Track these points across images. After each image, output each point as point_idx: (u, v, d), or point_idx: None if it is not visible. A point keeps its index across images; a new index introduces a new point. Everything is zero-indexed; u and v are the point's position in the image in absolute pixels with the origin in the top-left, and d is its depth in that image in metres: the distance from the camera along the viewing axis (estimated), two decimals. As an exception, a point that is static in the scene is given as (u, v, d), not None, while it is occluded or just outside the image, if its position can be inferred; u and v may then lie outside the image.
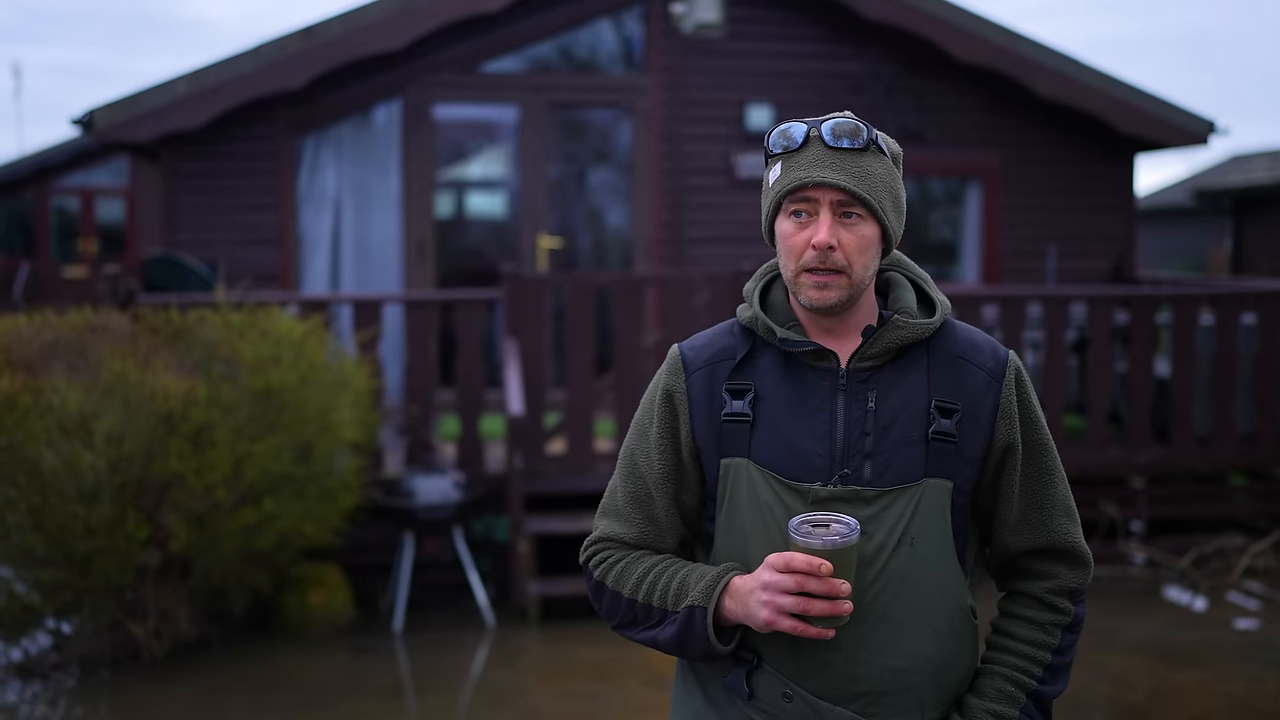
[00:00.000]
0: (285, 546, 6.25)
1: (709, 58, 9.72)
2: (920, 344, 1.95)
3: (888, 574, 1.86)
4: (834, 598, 1.77)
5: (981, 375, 1.94)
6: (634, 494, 2.01)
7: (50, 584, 5.89)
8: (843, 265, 1.88)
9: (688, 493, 2.00)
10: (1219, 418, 7.84)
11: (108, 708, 5.65)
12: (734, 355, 1.97)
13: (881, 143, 1.92)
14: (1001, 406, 1.94)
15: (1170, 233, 20.79)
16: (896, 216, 1.93)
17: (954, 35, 9.57)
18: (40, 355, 6.07)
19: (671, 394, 1.99)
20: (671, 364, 2.01)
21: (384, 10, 8.90)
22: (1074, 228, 10.35)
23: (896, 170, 1.94)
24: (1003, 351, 1.98)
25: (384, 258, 9.66)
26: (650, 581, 1.95)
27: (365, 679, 6.01)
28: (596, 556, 2.03)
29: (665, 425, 1.99)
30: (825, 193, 1.88)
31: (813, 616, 1.78)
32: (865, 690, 1.87)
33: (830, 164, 1.88)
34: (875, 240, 1.91)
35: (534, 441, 7.17)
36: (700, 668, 1.99)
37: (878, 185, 1.89)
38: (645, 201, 9.82)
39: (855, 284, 1.90)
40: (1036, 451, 1.98)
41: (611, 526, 2.03)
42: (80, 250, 19.03)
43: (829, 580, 1.76)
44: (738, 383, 1.96)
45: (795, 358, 1.95)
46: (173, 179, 9.19)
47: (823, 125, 1.89)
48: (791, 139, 1.90)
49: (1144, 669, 6.00)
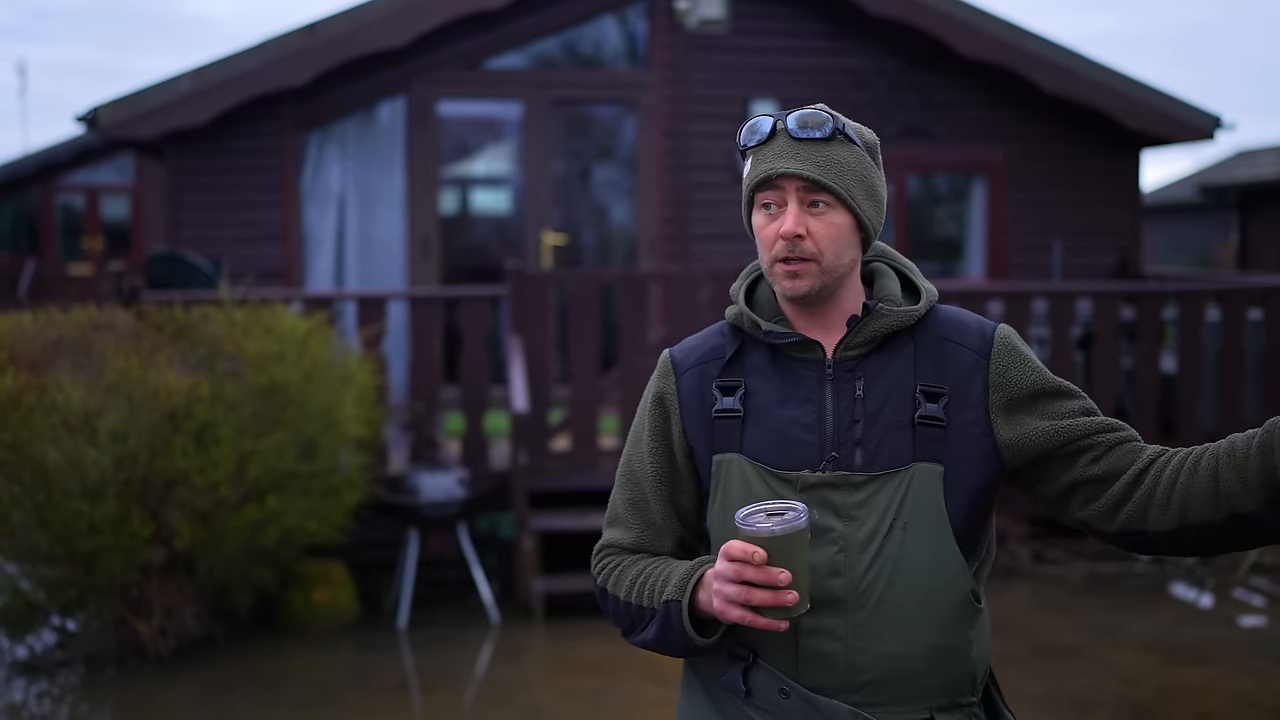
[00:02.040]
0: (289, 544, 6.25)
1: (713, 53, 9.71)
2: (905, 331, 1.95)
3: (882, 559, 1.85)
4: (775, 587, 1.73)
5: (968, 354, 1.93)
6: (631, 500, 2.03)
7: (55, 581, 5.89)
8: (813, 253, 1.89)
9: (684, 494, 2.00)
10: (1225, 413, 7.82)
11: (113, 705, 5.65)
12: (723, 354, 1.98)
13: (851, 132, 1.92)
14: (992, 381, 1.92)
15: (1176, 228, 20.74)
16: (870, 205, 1.92)
17: (958, 30, 9.55)
18: (45, 353, 6.07)
19: (662, 397, 2.01)
20: (662, 368, 2.03)
21: (388, 7, 8.89)
22: (1080, 223, 10.32)
23: (870, 160, 1.94)
24: (990, 328, 1.96)
25: (388, 254, 9.65)
26: (640, 583, 1.96)
27: (370, 676, 6.01)
28: (599, 564, 2.05)
29: (657, 429, 2.01)
30: (790, 183, 1.89)
31: (760, 608, 1.74)
32: (867, 680, 1.84)
33: (794, 154, 1.89)
34: (847, 229, 1.91)
35: (538, 438, 7.16)
36: (701, 667, 1.98)
37: (844, 173, 1.89)
38: (649, 198, 9.81)
39: (828, 271, 1.90)
40: (1046, 398, 1.92)
41: (613, 534, 2.05)
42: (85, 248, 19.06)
43: (766, 569, 1.72)
44: (728, 380, 1.96)
45: (783, 352, 1.95)
46: (177, 176, 9.19)
47: (788, 117, 1.91)
48: (760, 132, 1.92)
49: (1150, 666, 5.99)
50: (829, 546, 1.86)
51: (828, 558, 1.86)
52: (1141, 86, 9.91)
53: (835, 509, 1.87)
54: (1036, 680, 5.70)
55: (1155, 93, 9.95)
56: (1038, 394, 1.93)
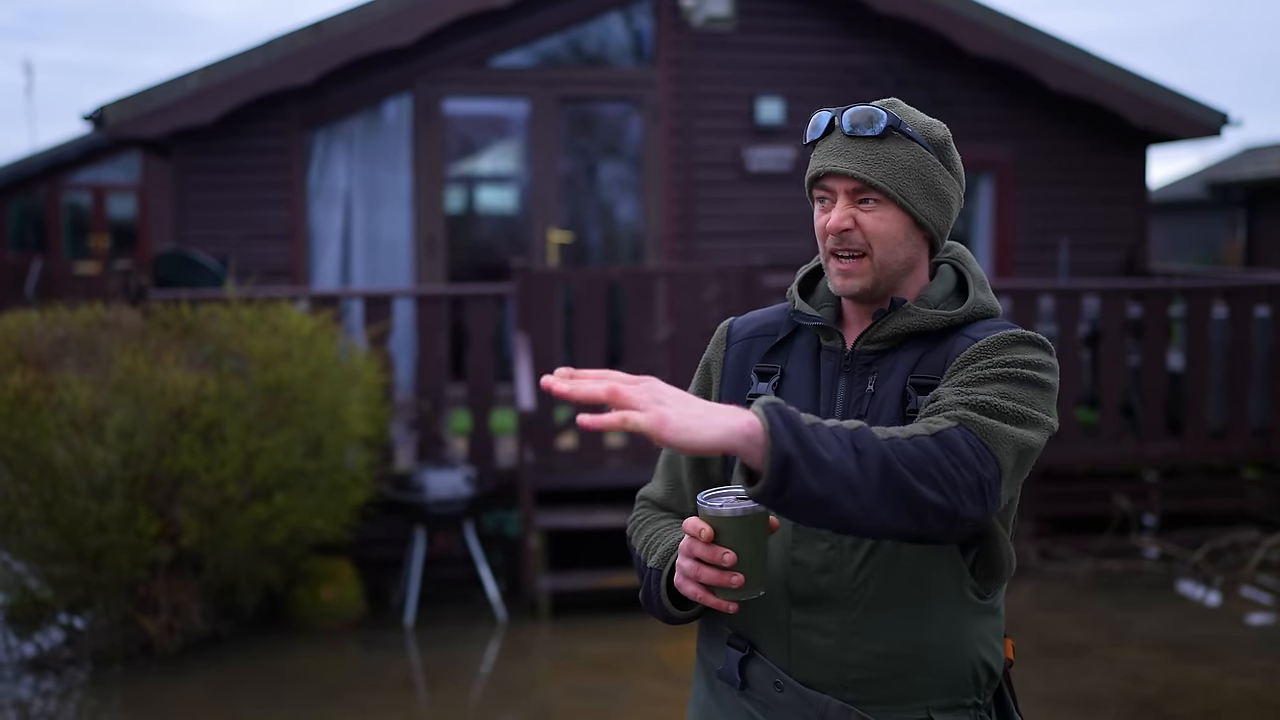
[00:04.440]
0: (296, 541, 6.26)
1: (719, 51, 9.70)
2: (933, 334, 1.90)
3: (876, 557, 1.83)
4: (720, 567, 1.72)
5: (967, 344, 1.87)
6: (668, 457, 2.09)
7: (62, 579, 5.91)
8: (862, 246, 1.88)
9: (713, 462, 2.02)
10: (1232, 411, 7.81)
11: (120, 702, 5.66)
12: (775, 334, 2.01)
13: (910, 129, 1.89)
14: (960, 355, 1.83)
15: (1183, 225, 20.70)
16: (929, 203, 1.89)
17: (965, 28, 9.54)
18: (52, 351, 6.07)
19: (709, 364, 2.06)
20: (718, 335, 2.07)
21: (393, 6, 8.90)
22: (1086, 220, 10.31)
23: (933, 156, 1.90)
24: (1009, 327, 1.89)
25: (394, 253, 9.66)
26: (649, 541, 2.00)
27: (377, 673, 6.02)
28: (633, 514, 2.11)
29: (699, 392, 2.04)
30: (839, 181, 1.89)
31: (710, 586, 1.74)
32: (859, 677, 1.83)
33: (844, 152, 1.89)
34: (901, 226, 1.89)
35: (545, 436, 7.16)
36: (705, 658, 1.99)
37: (895, 171, 1.87)
38: (655, 196, 9.81)
39: (880, 268, 1.88)
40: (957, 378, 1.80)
41: (649, 486, 2.12)
42: (92, 246, 19.08)
43: (712, 548, 1.72)
44: (768, 364, 1.98)
45: (819, 340, 1.97)
46: (184, 175, 9.20)
47: (844, 114, 1.90)
48: (817, 128, 1.93)
49: (1157, 663, 5.98)
50: (820, 543, 1.84)
51: (819, 554, 1.84)
52: (1148, 83, 9.90)
53: None
54: (1043, 678, 5.70)
55: (1162, 90, 9.93)
56: (956, 371, 1.82)
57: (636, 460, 7.13)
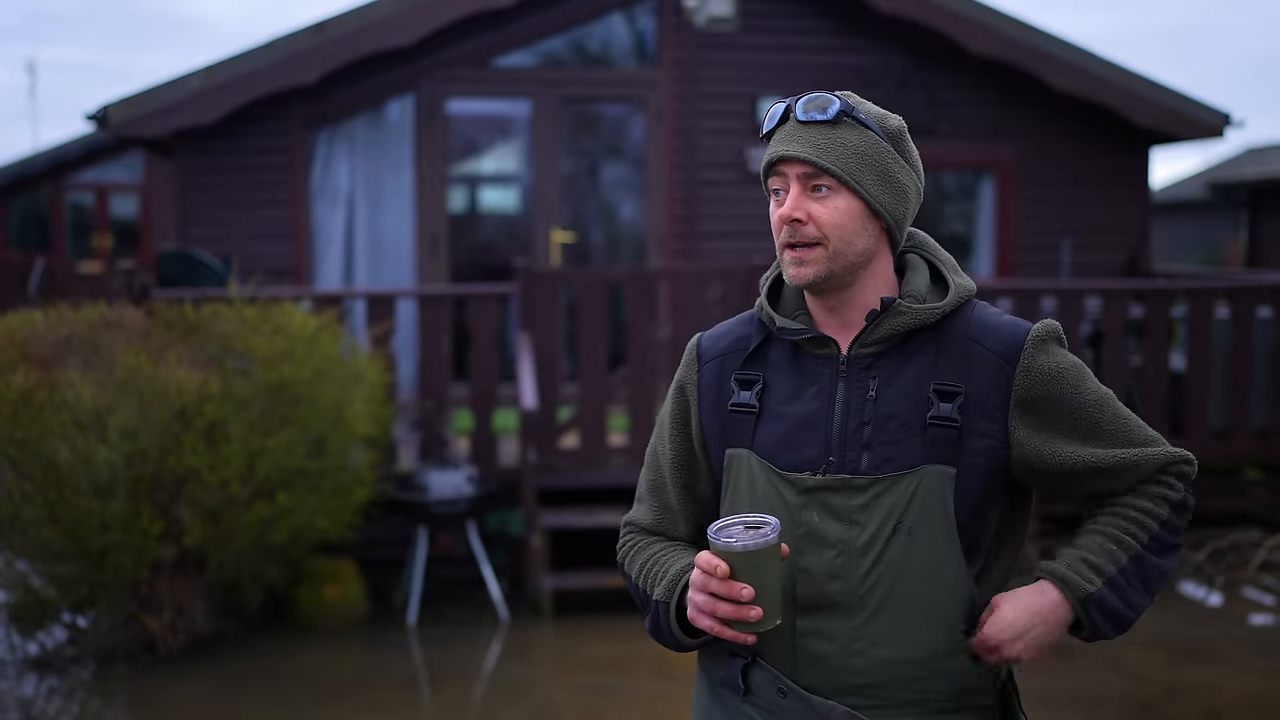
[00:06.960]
0: (299, 541, 6.27)
1: (722, 51, 9.71)
2: (929, 329, 1.88)
3: (884, 564, 1.82)
4: (738, 601, 1.74)
5: (993, 360, 1.85)
6: (653, 482, 2.06)
7: (66, 578, 5.91)
8: (815, 237, 1.85)
9: (701, 483, 2.00)
10: (1234, 411, 7.81)
11: (124, 701, 5.67)
12: (747, 345, 1.96)
13: (863, 116, 1.88)
14: (1016, 392, 1.85)
15: (1185, 226, 20.69)
16: (883, 190, 1.86)
17: (968, 28, 9.54)
18: (55, 351, 6.08)
19: (684, 386, 2.01)
20: (688, 356, 2.03)
21: (396, 6, 8.90)
22: (1089, 221, 10.31)
23: (887, 144, 1.89)
24: (1022, 331, 1.87)
25: (397, 253, 9.67)
26: (645, 570, 1.98)
27: (379, 673, 6.03)
28: (622, 540, 2.09)
29: (677, 417, 2.02)
30: (791, 167, 1.87)
31: (726, 620, 1.76)
32: (863, 683, 1.82)
33: (796, 138, 1.87)
34: (854, 213, 1.86)
35: (548, 436, 7.17)
36: (707, 664, 1.98)
37: (847, 155, 1.85)
38: (658, 196, 9.82)
39: (835, 257, 1.85)
40: (1071, 417, 1.87)
41: (637, 511, 2.08)
42: (95, 246, 19.08)
43: (728, 583, 1.73)
44: (747, 373, 1.94)
45: (801, 347, 1.92)
46: (186, 174, 9.21)
47: (796, 102, 1.90)
48: (772, 117, 1.92)
49: (1159, 663, 5.98)
50: (828, 550, 1.84)
51: (826, 561, 1.83)
52: (1151, 84, 9.90)
53: (835, 512, 1.84)
54: (1044, 677, 5.70)
55: (1165, 90, 9.93)
56: (1063, 414, 1.86)
57: (638, 460, 7.13)
